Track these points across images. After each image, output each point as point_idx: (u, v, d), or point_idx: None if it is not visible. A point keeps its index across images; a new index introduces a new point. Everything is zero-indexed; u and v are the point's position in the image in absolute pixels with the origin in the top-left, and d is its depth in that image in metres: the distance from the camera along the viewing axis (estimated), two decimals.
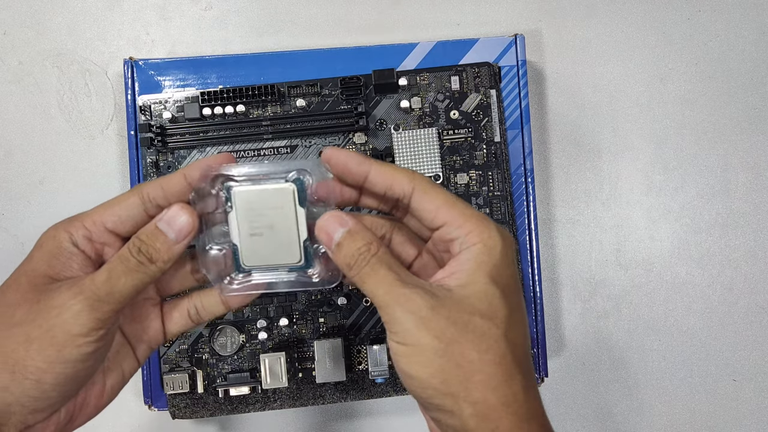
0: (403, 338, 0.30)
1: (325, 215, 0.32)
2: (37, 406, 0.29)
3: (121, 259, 0.31)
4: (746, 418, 0.53)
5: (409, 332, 0.29)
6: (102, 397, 0.33)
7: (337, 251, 0.31)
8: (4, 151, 0.52)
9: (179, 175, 0.32)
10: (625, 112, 0.54)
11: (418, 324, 0.29)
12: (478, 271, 0.30)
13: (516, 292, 0.31)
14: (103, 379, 0.34)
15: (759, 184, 0.54)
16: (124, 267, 0.30)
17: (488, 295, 0.30)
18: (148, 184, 0.32)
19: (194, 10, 0.53)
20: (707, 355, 0.54)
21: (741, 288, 0.54)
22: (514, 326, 0.30)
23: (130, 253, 0.31)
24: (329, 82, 0.49)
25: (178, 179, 0.32)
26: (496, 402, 0.29)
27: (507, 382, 0.29)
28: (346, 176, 0.33)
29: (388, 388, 0.49)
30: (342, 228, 0.31)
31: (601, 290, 0.54)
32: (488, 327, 0.30)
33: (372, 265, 0.31)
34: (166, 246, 0.31)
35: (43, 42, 0.53)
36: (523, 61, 0.50)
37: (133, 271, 0.30)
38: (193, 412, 0.48)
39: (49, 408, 0.30)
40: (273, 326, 0.48)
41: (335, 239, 0.31)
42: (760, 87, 0.54)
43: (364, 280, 0.31)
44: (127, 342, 0.35)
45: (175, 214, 0.31)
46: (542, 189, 0.54)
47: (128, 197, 0.32)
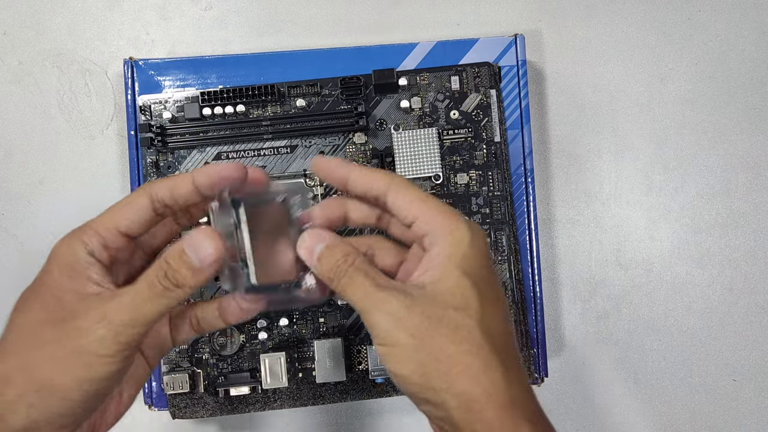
0: (384, 340, 0.30)
1: (304, 234, 0.33)
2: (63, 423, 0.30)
3: (148, 284, 0.30)
4: (746, 418, 0.53)
5: (388, 333, 0.30)
6: (120, 406, 0.34)
7: (318, 266, 0.32)
8: (4, 151, 0.52)
9: (188, 178, 0.32)
10: (625, 112, 0.54)
11: (395, 324, 0.30)
12: (448, 264, 0.31)
13: (489, 282, 0.32)
14: (121, 389, 0.34)
15: (759, 184, 0.54)
16: (150, 293, 0.30)
17: (460, 286, 0.31)
18: (156, 185, 0.32)
19: (194, 10, 0.53)
20: (707, 355, 0.54)
21: (741, 288, 0.54)
22: (489, 316, 0.31)
23: (156, 278, 0.30)
24: (329, 82, 0.49)
25: (187, 183, 0.32)
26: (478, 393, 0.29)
27: (485, 372, 0.29)
28: (330, 180, 0.34)
29: (388, 388, 0.49)
30: (321, 243, 0.33)
31: (601, 290, 0.54)
32: (462, 318, 0.30)
33: (350, 274, 0.31)
34: (192, 272, 0.30)
35: (43, 42, 0.53)
36: (523, 61, 0.50)
37: (159, 296, 0.30)
38: (193, 412, 0.48)
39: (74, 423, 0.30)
40: (273, 326, 0.48)
41: (315, 254, 0.32)
42: (760, 87, 0.54)
43: (345, 289, 0.32)
44: (141, 351, 0.35)
45: (202, 240, 0.31)
46: (542, 189, 0.54)
47: (137, 198, 0.32)
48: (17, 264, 0.52)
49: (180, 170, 0.48)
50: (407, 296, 0.30)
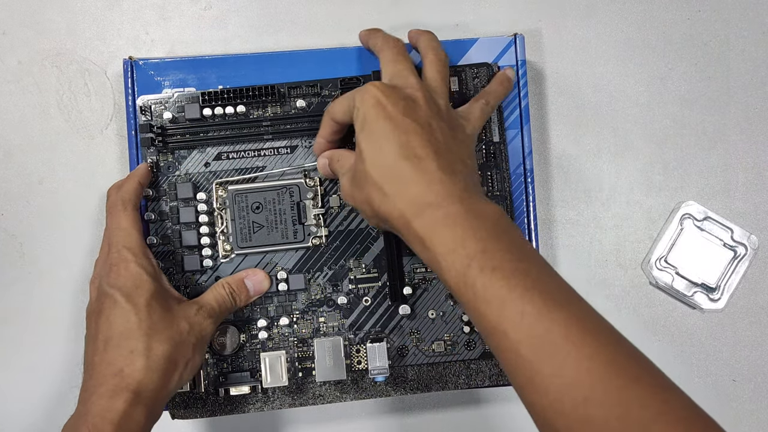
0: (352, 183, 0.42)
1: None
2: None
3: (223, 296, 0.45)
4: (746, 418, 0.53)
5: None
6: None
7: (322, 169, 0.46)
8: (3, 151, 0.52)
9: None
10: (625, 112, 0.54)
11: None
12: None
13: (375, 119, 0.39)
14: None
15: (759, 184, 0.54)
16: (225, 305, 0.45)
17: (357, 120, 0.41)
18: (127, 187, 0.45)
19: (194, 9, 0.53)
20: (707, 355, 0.54)
21: (741, 288, 0.54)
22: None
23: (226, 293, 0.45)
24: (329, 83, 0.49)
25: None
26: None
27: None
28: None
29: (388, 387, 0.49)
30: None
31: (601, 290, 0.54)
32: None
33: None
34: (245, 296, 0.46)
35: (42, 42, 0.53)
36: (523, 61, 0.50)
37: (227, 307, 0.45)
38: (193, 412, 0.48)
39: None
40: (273, 325, 0.48)
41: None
42: (760, 87, 0.54)
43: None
44: None
45: (262, 280, 0.47)
46: (542, 189, 0.54)
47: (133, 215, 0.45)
48: (17, 264, 0.52)
49: (180, 171, 0.48)
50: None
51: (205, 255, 0.48)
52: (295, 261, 0.48)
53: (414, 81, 0.42)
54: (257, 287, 0.47)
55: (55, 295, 0.52)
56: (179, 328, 0.41)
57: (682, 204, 0.53)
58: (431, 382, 0.49)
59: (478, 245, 0.35)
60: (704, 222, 0.53)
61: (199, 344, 0.42)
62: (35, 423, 0.52)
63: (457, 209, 0.36)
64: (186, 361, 0.41)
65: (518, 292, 0.34)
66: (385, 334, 0.48)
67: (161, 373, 0.39)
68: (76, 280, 0.52)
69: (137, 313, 0.40)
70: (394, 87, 0.41)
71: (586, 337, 0.33)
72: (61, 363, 0.52)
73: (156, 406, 0.40)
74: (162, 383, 0.39)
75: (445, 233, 0.36)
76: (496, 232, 0.36)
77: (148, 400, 0.38)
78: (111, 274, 0.41)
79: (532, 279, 0.34)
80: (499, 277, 0.34)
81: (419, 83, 0.42)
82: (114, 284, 0.41)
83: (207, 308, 0.43)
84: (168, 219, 0.48)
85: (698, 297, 0.53)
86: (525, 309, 0.33)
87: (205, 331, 0.43)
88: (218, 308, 0.44)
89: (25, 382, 0.52)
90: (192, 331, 0.42)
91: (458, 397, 0.53)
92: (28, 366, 0.52)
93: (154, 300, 0.41)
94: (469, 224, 0.36)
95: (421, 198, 0.37)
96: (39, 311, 0.52)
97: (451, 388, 0.49)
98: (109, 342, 0.40)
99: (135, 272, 0.41)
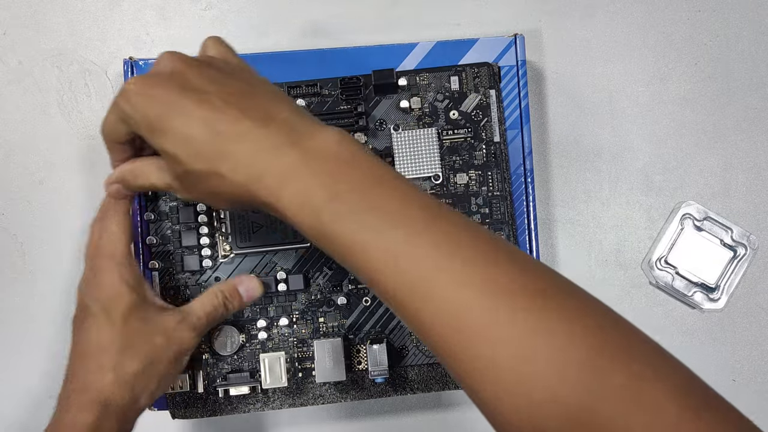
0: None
1: None
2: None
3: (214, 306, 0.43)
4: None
5: None
6: None
7: None
8: (4, 151, 0.52)
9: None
10: (625, 112, 0.54)
11: None
12: None
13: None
14: None
15: (759, 184, 0.54)
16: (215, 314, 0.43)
17: None
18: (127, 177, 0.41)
19: (194, 10, 0.53)
20: (707, 355, 0.54)
21: (741, 288, 0.54)
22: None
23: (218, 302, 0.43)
24: (329, 82, 0.49)
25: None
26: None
27: None
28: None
29: (388, 388, 0.49)
30: None
31: (601, 290, 0.54)
32: None
33: None
34: (239, 303, 0.45)
35: (43, 42, 0.53)
36: (523, 61, 0.50)
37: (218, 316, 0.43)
38: (193, 412, 0.48)
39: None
40: (273, 326, 0.48)
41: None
42: (760, 87, 0.54)
43: None
44: None
45: (256, 287, 0.45)
46: (542, 189, 0.54)
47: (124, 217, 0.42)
48: (18, 264, 0.52)
49: None
50: None
51: (205, 255, 0.48)
52: (295, 261, 0.48)
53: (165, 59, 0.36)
54: (250, 293, 0.45)
55: (56, 295, 0.52)
56: (155, 344, 0.40)
57: (682, 204, 0.53)
58: (431, 382, 0.49)
59: (325, 192, 0.32)
60: (704, 222, 0.53)
61: (177, 358, 0.41)
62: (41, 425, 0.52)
63: (290, 161, 0.32)
64: (160, 376, 0.40)
65: (376, 233, 0.31)
66: (385, 334, 0.48)
67: (130, 389, 0.39)
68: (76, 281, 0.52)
69: (112, 328, 0.39)
70: (149, 75, 0.35)
71: (458, 254, 0.30)
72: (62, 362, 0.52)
73: (127, 420, 0.39)
74: (132, 399, 0.39)
75: (288, 192, 0.32)
76: (341, 169, 0.32)
77: (117, 414, 0.38)
78: (91, 284, 0.40)
79: (391, 215, 0.31)
80: (354, 221, 0.31)
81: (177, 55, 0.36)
82: (92, 295, 0.40)
83: (191, 320, 0.42)
84: (168, 219, 0.48)
85: (698, 297, 0.53)
86: (387, 247, 0.31)
87: (185, 344, 0.41)
88: (205, 319, 0.42)
89: (24, 382, 0.52)
90: (169, 345, 0.40)
91: (458, 397, 0.53)
92: (28, 365, 0.52)
93: (131, 313, 0.39)
94: (309, 172, 0.32)
95: (254, 164, 0.33)
96: (39, 311, 0.52)
97: (452, 388, 0.49)
98: (84, 355, 0.39)
99: (114, 283, 0.40)
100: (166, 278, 0.48)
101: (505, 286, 0.29)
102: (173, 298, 0.48)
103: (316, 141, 0.33)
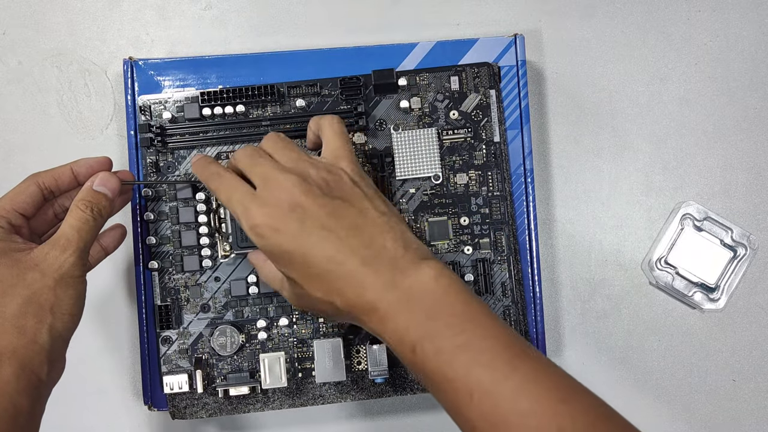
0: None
1: None
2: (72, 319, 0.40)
3: (81, 220, 0.41)
4: (746, 418, 0.53)
5: None
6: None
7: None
8: (3, 151, 0.52)
9: (68, 168, 0.43)
10: (625, 112, 0.54)
11: None
12: None
13: None
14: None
15: (759, 184, 0.54)
16: (87, 226, 0.41)
17: None
18: (41, 175, 0.43)
19: (194, 9, 0.53)
20: (707, 355, 0.54)
21: (741, 288, 0.54)
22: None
23: (85, 214, 0.41)
24: (329, 82, 0.49)
25: (67, 172, 0.43)
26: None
27: None
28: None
29: (388, 388, 0.49)
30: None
31: (601, 290, 0.54)
32: None
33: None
34: (107, 202, 0.42)
35: (42, 42, 0.53)
36: (523, 61, 0.50)
37: (92, 225, 0.41)
38: (193, 412, 0.48)
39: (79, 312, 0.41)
40: (273, 326, 0.48)
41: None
42: (760, 87, 0.54)
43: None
44: None
45: (107, 177, 0.43)
46: (542, 189, 0.54)
47: (29, 187, 0.42)
48: None
49: (180, 171, 0.48)
50: None
51: (205, 255, 0.48)
52: None
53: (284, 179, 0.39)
54: (109, 186, 0.42)
55: None
56: (27, 281, 0.39)
57: (682, 204, 0.53)
58: None
59: (419, 330, 0.36)
60: (704, 222, 0.53)
61: (62, 282, 0.39)
62: None
63: (391, 300, 0.37)
64: (49, 307, 0.39)
65: (463, 371, 0.34)
66: None
67: (17, 331, 0.38)
68: None
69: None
70: (273, 206, 0.38)
71: (542, 397, 0.33)
72: None
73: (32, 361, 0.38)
74: (23, 340, 0.38)
75: (389, 327, 0.37)
76: (434, 307, 0.36)
77: (12, 357, 0.37)
78: None
79: (476, 353, 0.35)
80: (444, 360, 0.35)
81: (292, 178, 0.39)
82: None
83: (60, 242, 0.40)
84: (167, 219, 0.48)
85: (698, 297, 0.53)
86: (472, 388, 0.34)
87: (63, 267, 0.39)
88: (76, 234, 0.40)
89: None
90: (45, 275, 0.39)
91: None
92: None
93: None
94: (406, 309, 0.36)
95: (362, 302, 0.37)
96: None
97: None
98: None
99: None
100: (166, 278, 0.48)
101: (583, 430, 0.33)
102: (173, 299, 0.48)
103: (415, 279, 0.37)
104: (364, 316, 0.38)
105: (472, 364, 0.34)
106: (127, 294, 0.52)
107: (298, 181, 0.38)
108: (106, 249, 0.46)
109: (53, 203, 0.44)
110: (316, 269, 0.38)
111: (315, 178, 0.39)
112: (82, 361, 0.51)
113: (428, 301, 0.36)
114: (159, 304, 0.48)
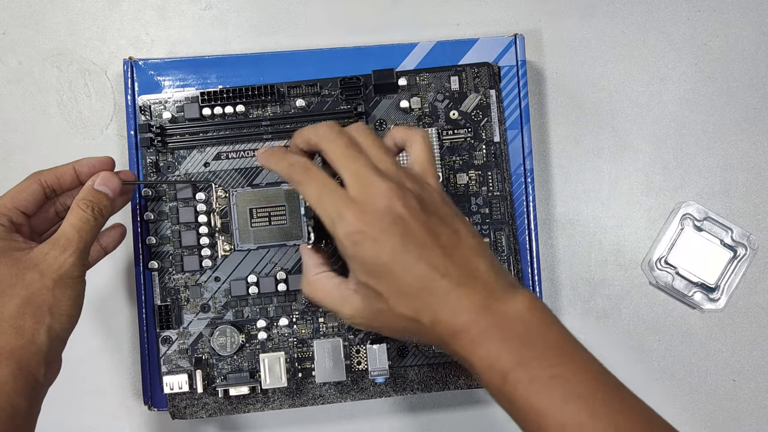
0: None
1: None
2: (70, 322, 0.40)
3: (82, 220, 0.41)
4: (746, 418, 0.53)
5: None
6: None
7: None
8: (3, 151, 0.52)
9: (71, 167, 0.43)
10: (625, 112, 0.54)
11: None
12: None
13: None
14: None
15: (759, 184, 0.54)
16: (87, 226, 0.40)
17: None
18: (45, 173, 0.43)
19: (194, 9, 0.53)
20: (707, 355, 0.54)
21: (741, 288, 0.54)
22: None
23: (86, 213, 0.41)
24: (329, 82, 0.49)
25: (70, 171, 0.43)
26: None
27: None
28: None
29: (388, 388, 0.49)
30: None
31: (601, 290, 0.54)
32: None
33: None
34: (108, 202, 0.42)
35: (42, 42, 0.53)
36: (523, 61, 0.50)
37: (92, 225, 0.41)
38: (193, 412, 0.48)
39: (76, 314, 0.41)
40: (273, 326, 0.48)
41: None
42: (760, 87, 0.54)
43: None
44: None
45: (108, 177, 0.43)
46: (542, 189, 0.54)
47: (30, 185, 0.42)
48: None
49: (180, 170, 0.48)
50: None
51: (205, 255, 0.48)
52: (295, 261, 0.48)
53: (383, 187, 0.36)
54: (111, 185, 0.42)
55: None
56: (26, 281, 0.39)
57: (682, 204, 0.53)
58: (431, 382, 0.49)
59: (512, 357, 0.34)
60: (704, 222, 0.53)
61: (61, 283, 0.39)
62: None
63: (485, 324, 0.35)
64: (47, 307, 0.38)
65: (556, 404, 0.33)
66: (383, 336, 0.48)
67: (15, 332, 0.38)
68: None
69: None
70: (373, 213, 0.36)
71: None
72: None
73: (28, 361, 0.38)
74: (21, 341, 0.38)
75: (480, 352, 0.35)
76: (529, 336, 0.35)
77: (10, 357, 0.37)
78: None
79: (571, 386, 0.34)
80: (536, 389, 0.34)
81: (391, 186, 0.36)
82: None
83: (60, 242, 0.40)
84: (167, 219, 0.48)
85: (698, 297, 0.53)
86: (565, 422, 0.33)
87: (63, 268, 0.39)
88: (77, 234, 0.40)
89: None
90: (44, 275, 0.39)
91: (458, 397, 0.53)
92: None
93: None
94: (500, 335, 0.35)
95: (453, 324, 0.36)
96: None
97: (451, 388, 0.49)
98: None
99: None
100: (166, 278, 0.48)
101: None
102: (173, 299, 0.48)
103: (510, 306, 0.36)
104: (451, 338, 0.36)
105: (568, 397, 0.33)
106: (127, 294, 0.52)
107: (397, 191, 0.36)
108: (106, 248, 0.46)
109: (54, 202, 0.44)
110: (409, 285, 0.36)
111: (411, 189, 0.37)
112: (82, 361, 0.51)
113: (523, 330, 0.35)
114: (159, 304, 0.48)
